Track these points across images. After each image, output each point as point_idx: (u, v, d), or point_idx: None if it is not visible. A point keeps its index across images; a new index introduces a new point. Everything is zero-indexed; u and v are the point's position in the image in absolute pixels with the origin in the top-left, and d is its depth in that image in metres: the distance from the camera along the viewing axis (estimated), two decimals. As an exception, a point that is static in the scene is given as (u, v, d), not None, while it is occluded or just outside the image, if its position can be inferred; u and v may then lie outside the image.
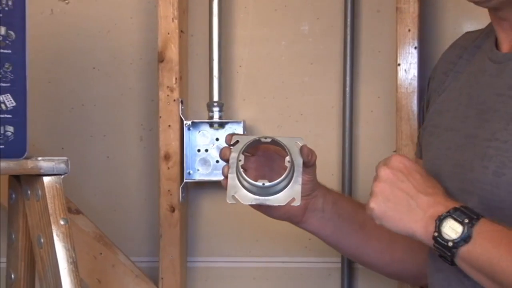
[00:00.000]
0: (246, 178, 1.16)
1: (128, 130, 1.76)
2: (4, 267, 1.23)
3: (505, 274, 0.98)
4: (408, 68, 1.60)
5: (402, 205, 1.05)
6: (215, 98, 1.70)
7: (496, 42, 1.18)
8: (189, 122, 1.68)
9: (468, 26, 1.61)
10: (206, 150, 1.69)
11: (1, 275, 1.30)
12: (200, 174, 1.69)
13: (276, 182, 1.16)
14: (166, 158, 1.66)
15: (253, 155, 1.25)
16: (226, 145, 1.21)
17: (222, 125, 1.69)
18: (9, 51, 1.11)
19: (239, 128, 1.68)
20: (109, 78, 1.76)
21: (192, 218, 1.76)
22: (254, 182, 1.16)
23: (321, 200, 1.29)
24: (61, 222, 1.08)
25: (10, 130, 1.11)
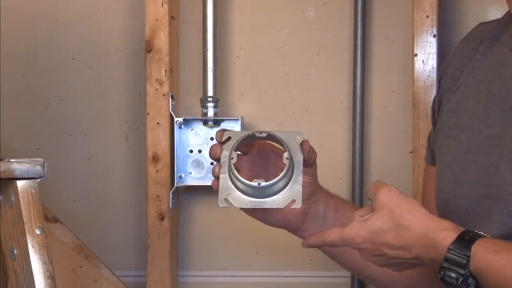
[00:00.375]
0: (240, 178, 1.13)
1: (112, 128, 1.76)
2: (-27, 282, 1.24)
3: None
4: (426, 58, 1.60)
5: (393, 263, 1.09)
6: (210, 92, 1.69)
7: None
8: (180, 120, 1.67)
9: (493, 12, 1.63)
10: (200, 151, 1.69)
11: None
12: (192, 178, 1.69)
13: (273, 182, 1.12)
14: (155, 159, 1.65)
15: (246, 154, 1.21)
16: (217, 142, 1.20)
17: (217, 122, 1.68)
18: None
19: (237, 126, 1.68)
20: (90, 70, 1.75)
21: (183, 227, 1.76)
22: (249, 182, 1.12)
23: (322, 205, 1.25)
24: (37, 232, 1.06)
25: (-23, 128, 1.08)
